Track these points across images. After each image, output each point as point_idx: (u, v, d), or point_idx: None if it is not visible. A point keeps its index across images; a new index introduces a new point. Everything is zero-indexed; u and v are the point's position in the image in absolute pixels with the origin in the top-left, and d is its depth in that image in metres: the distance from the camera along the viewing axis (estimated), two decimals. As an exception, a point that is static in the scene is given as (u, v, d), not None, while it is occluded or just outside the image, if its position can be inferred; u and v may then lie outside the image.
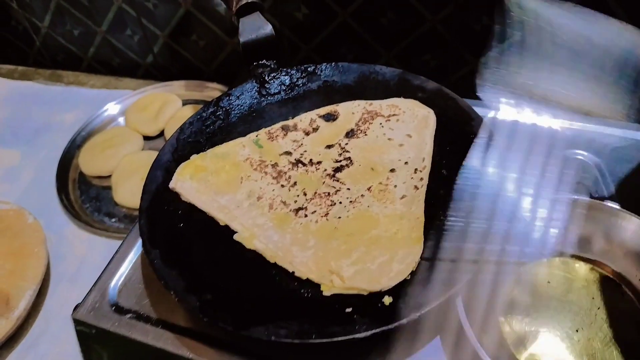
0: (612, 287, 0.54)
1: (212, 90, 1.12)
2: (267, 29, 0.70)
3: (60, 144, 1.06)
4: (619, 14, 0.77)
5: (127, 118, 1.09)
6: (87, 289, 0.61)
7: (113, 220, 0.93)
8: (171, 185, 0.62)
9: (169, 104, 1.09)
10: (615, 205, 0.54)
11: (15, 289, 0.79)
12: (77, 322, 0.58)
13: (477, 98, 0.77)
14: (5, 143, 1.11)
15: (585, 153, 0.66)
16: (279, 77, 0.73)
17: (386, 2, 0.90)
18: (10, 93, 1.23)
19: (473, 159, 0.58)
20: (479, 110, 0.71)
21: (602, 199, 0.61)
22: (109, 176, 0.98)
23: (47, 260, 0.84)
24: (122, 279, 0.60)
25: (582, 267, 0.55)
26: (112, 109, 1.11)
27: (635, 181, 0.62)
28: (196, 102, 1.12)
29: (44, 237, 0.86)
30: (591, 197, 0.61)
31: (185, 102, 1.11)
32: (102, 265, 0.64)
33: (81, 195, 0.98)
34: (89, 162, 1.01)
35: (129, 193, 0.93)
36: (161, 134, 1.07)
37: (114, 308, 0.58)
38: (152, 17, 1.08)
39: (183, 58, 1.14)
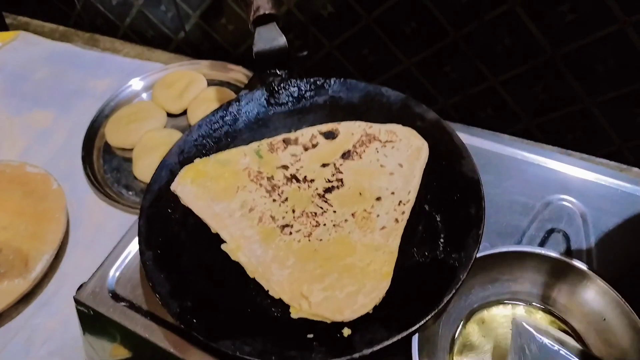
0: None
1: (237, 73, 1.15)
2: (281, 40, 0.72)
3: (91, 110, 1.11)
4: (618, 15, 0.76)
5: (153, 93, 1.13)
6: (100, 256, 0.67)
7: (130, 193, 0.98)
8: (172, 187, 0.66)
9: (194, 83, 1.12)
10: (583, 266, 0.56)
11: (35, 251, 0.86)
12: (78, 303, 0.64)
13: (491, 113, 0.78)
14: (41, 104, 1.17)
15: (574, 200, 0.67)
16: (288, 88, 0.75)
17: (411, 12, 0.90)
18: (49, 53, 1.28)
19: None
20: (477, 140, 0.73)
21: (579, 250, 0.63)
22: (131, 149, 1.03)
23: (66, 227, 0.90)
24: (122, 268, 0.66)
25: (544, 319, 0.58)
26: (140, 83, 1.15)
27: (615, 236, 0.63)
28: (221, 83, 1.15)
29: (65, 203, 0.92)
30: (568, 247, 0.63)
31: (210, 83, 1.14)
32: (116, 234, 0.69)
33: (104, 164, 1.04)
34: (114, 134, 1.06)
35: (147, 169, 0.98)
36: (184, 112, 1.11)
37: (111, 295, 0.64)
38: (186, -3, 1.11)
39: (212, 39, 1.17)
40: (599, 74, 0.83)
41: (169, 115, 1.10)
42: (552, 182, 0.69)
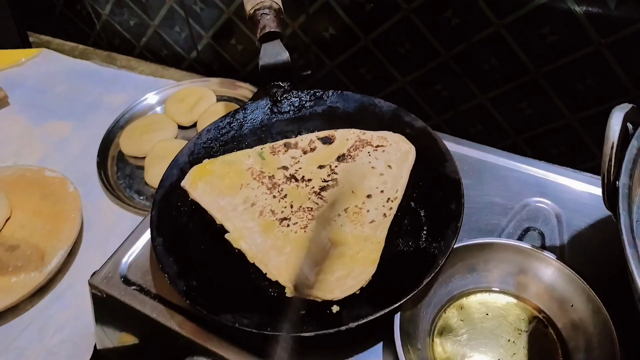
0: (540, 327, 0.61)
1: (244, 90, 1.23)
2: (284, 56, 0.79)
3: (106, 122, 1.18)
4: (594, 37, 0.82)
5: (166, 107, 1.21)
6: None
7: (141, 197, 1.05)
8: (182, 184, 0.73)
9: (204, 99, 1.20)
10: (552, 256, 0.61)
11: (51, 247, 0.92)
12: (92, 287, 0.70)
13: (482, 128, 0.85)
14: (60, 115, 1.24)
15: (550, 202, 0.73)
16: (290, 98, 0.82)
17: (405, 34, 0.97)
18: (69, 70, 1.37)
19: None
20: (463, 149, 0.80)
21: (554, 246, 0.68)
22: (144, 158, 1.10)
23: (80, 226, 0.97)
24: (133, 256, 0.72)
25: (518, 305, 0.63)
26: (154, 97, 1.23)
27: (586, 235, 0.69)
28: (229, 99, 1.23)
29: (80, 205, 0.99)
30: (543, 244, 0.69)
31: (219, 98, 1.22)
32: (126, 236, 0.76)
33: (117, 171, 1.11)
34: (128, 143, 1.14)
35: (157, 175, 1.02)
36: (194, 125, 1.18)
37: (122, 280, 0.69)
38: (199, 19, 1.20)
39: (222, 58, 1.26)
40: (579, 92, 0.90)
41: (180, 127, 1.18)
42: (530, 186, 0.75)
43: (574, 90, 0.90)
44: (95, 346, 0.78)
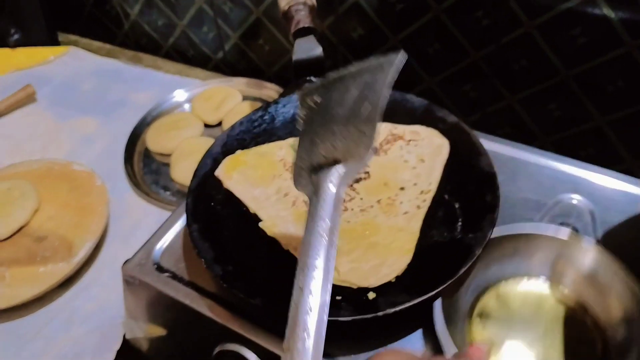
0: (578, 315, 0.61)
1: (270, 90, 1.23)
2: (318, 51, 0.80)
3: (133, 119, 1.19)
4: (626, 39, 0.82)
5: (193, 105, 1.22)
6: (136, 249, 0.74)
7: (167, 193, 1.06)
8: (216, 173, 0.74)
9: (230, 98, 1.21)
10: (591, 242, 0.61)
11: (78, 239, 0.92)
12: (125, 274, 0.71)
13: (509, 131, 0.85)
14: (87, 112, 1.25)
15: (583, 199, 0.73)
16: (322, 93, 0.83)
17: (434, 34, 0.98)
18: (96, 68, 1.39)
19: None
20: (495, 146, 0.80)
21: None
22: (170, 154, 1.11)
23: (107, 219, 0.97)
24: (166, 244, 0.72)
25: (556, 292, 0.63)
26: (181, 95, 1.24)
27: (620, 231, 0.68)
28: (254, 99, 1.24)
29: (107, 199, 0.99)
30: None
31: (245, 98, 1.23)
32: (152, 230, 0.76)
33: (144, 167, 1.12)
34: (155, 140, 1.15)
35: (183, 172, 1.05)
36: (220, 123, 1.19)
37: (155, 266, 0.70)
38: (227, 19, 1.21)
39: (249, 58, 1.27)
40: (609, 94, 0.90)
41: (206, 125, 1.19)
42: (562, 183, 0.74)
43: (604, 92, 0.90)
44: (124, 336, 0.78)
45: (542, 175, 0.76)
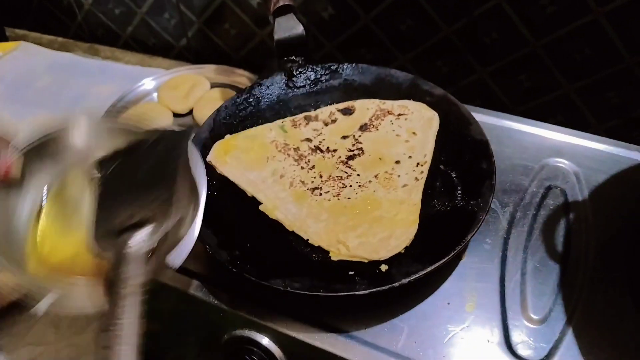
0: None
1: (239, 76, 1.21)
2: (299, 29, 0.79)
3: (96, 114, 1.15)
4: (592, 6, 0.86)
5: (159, 95, 1.18)
6: None
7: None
8: (208, 159, 0.72)
9: (198, 86, 1.18)
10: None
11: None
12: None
13: (480, 104, 0.87)
14: (45, 109, 1.19)
15: (567, 162, 0.75)
16: (305, 72, 0.82)
17: (406, 10, 0.99)
18: (50, 63, 1.31)
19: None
20: (478, 116, 0.81)
21: (576, 202, 0.71)
22: (141, 147, 1.08)
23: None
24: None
25: None
26: (146, 85, 1.20)
27: (606, 189, 0.72)
28: (223, 85, 1.21)
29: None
30: (565, 201, 0.71)
31: (213, 85, 1.20)
32: None
33: (114, 162, 1.08)
34: (123, 133, 1.11)
35: None
36: (190, 112, 1.16)
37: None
38: (190, 4, 1.18)
39: (214, 44, 1.24)
40: (577, 62, 0.93)
41: (175, 115, 1.15)
42: (546, 148, 0.77)
43: (572, 60, 0.93)
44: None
45: (526, 141, 0.79)
